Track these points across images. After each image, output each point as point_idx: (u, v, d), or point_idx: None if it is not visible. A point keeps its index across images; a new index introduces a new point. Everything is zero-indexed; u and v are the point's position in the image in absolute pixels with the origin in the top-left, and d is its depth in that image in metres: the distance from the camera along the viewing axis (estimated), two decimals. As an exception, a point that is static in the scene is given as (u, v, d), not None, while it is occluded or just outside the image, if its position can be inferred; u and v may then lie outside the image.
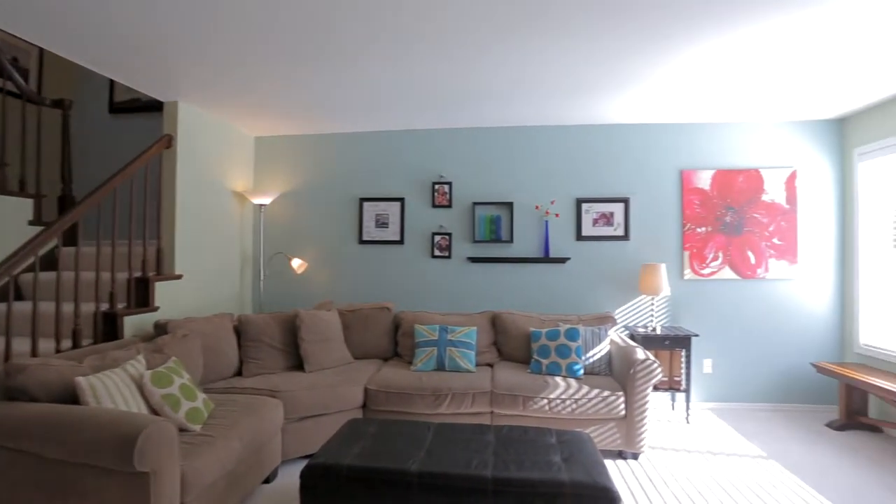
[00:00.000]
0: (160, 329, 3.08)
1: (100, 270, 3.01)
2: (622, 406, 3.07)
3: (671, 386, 3.88)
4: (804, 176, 4.06)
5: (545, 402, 3.09)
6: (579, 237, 4.23)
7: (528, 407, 3.10)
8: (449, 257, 4.36)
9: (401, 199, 4.41)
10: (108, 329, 3.04)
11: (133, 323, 3.15)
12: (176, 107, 3.56)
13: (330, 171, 4.54)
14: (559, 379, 3.26)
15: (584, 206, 4.23)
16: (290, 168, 4.60)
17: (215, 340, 3.19)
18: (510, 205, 4.28)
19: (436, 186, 4.36)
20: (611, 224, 4.21)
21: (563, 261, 4.21)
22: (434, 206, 4.37)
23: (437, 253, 4.37)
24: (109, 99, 4.69)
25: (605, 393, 3.09)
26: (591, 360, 3.46)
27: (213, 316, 3.36)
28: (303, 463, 2.97)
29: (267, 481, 2.76)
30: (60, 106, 3.85)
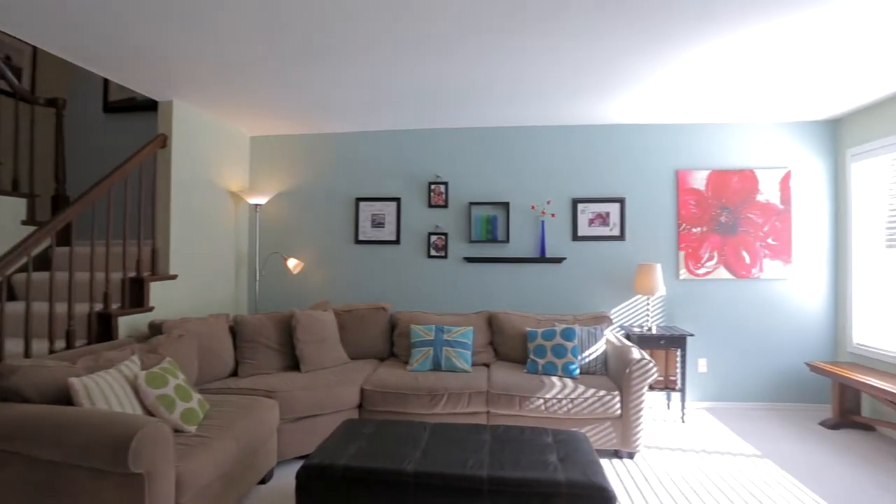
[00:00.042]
0: (155, 329, 3.06)
1: (94, 270, 2.99)
2: (618, 405, 3.08)
3: (666, 385, 3.89)
4: (798, 176, 4.09)
5: (541, 401, 3.10)
6: (575, 237, 4.25)
7: (525, 407, 3.11)
8: (445, 257, 4.36)
9: (397, 199, 4.41)
10: (103, 329, 3.03)
11: (127, 323, 3.13)
12: (171, 106, 3.55)
13: (326, 171, 4.53)
14: (555, 379, 3.27)
15: (580, 206, 4.24)
16: (286, 168, 4.58)
17: (211, 341, 3.18)
18: (506, 205, 4.29)
19: (432, 186, 4.36)
20: (607, 224, 4.23)
21: (559, 261, 4.22)
22: (430, 206, 4.37)
23: (433, 253, 4.37)
24: (104, 98, 4.66)
25: (601, 392, 3.10)
26: (587, 360, 3.47)
27: (208, 316, 3.35)
28: (299, 463, 2.97)
29: (263, 482, 2.75)
30: (54, 105, 3.82)
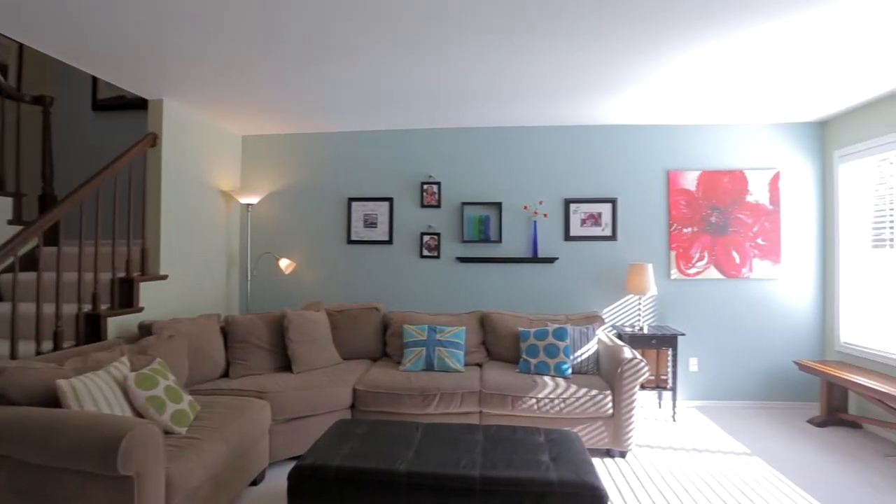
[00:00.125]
0: (145, 330, 3.03)
1: (82, 271, 2.95)
2: (610, 405, 3.09)
3: (658, 384, 3.92)
4: (787, 177, 4.14)
5: (534, 401, 3.11)
6: (567, 237, 4.26)
7: (517, 406, 3.11)
8: (438, 257, 4.36)
9: (389, 199, 4.40)
10: (91, 330, 2.99)
11: (117, 324, 3.10)
12: (161, 105, 3.51)
13: (318, 171, 4.51)
14: (547, 378, 3.28)
15: (573, 207, 4.26)
16: (278, 167, 4.56)
17: (201, 341, 3.15)
18: (499, 205, 4.29)
19: (424, 186, 4.36)
20: (599, 224, 4.25)
21: (551, 261, 4.23)
22: (423, 206, 4.37)
23: (425, 253, 4.36)
24: (92, 96, 4.60)
25: (593, 392, 3.11)
26: (579, 360, 3.49)
27: (199, 317, 3.32)
28: (291, 464, 2.95)
29: (254, 483, 2.73)
30: (41, 102, 3.78)
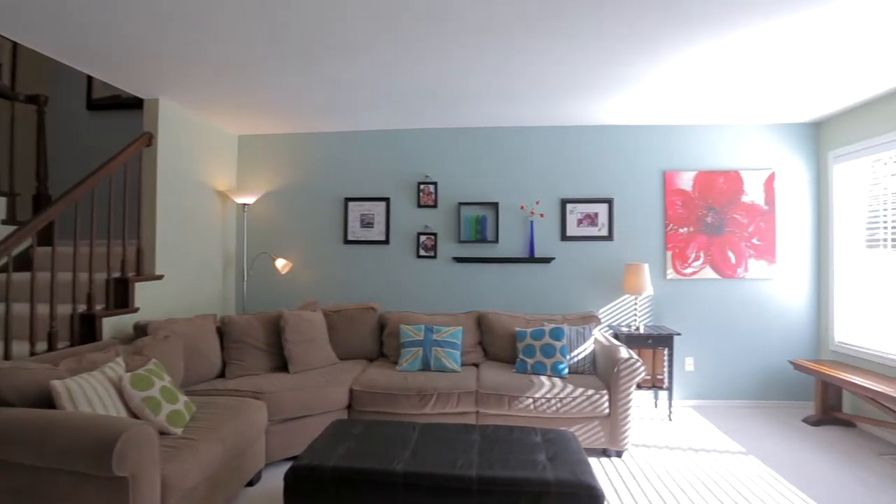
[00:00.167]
0: (140, 331, 3.02)
1: (77, 271, 2.94)
2: (606, 404, 3.10)
3: (654, 384, 3.93)
4: (782, 178, 4.16)
5: (530, 401, 3.11)
6: (564, 237, 4.27)
7: (514, 406, 3.12)
8: (434, 257, 4.36)
9: (386, 199, 4.40)
10: (86, 331, 2.97)
11: (112, 324, 3.08)
12: (157, 104, 3.50)
13: (315, 171, 4.51)
14: (544, 378, 3.29)
15: (569, 207, 4.27)
16: (274, 167, 4.55)
17: (197, 342, 3.14)
18: (495, 205, 4.30)
19: (421, 186, 4.36)
20: (595, 224, 4.26)
21: (547, 261, 4.24)
22: (419, 205, 4.37)
23: (422, 253, 4.36)
24: (87, 95, 4.57)
25: (590, 392, 3.12)
26: (576, 360, 3.49)
27: (195, 317, 3.31)
28: (287, 465, 2.94)
29: (250, 484, 2.73)
30: (35, 102, 3.75)
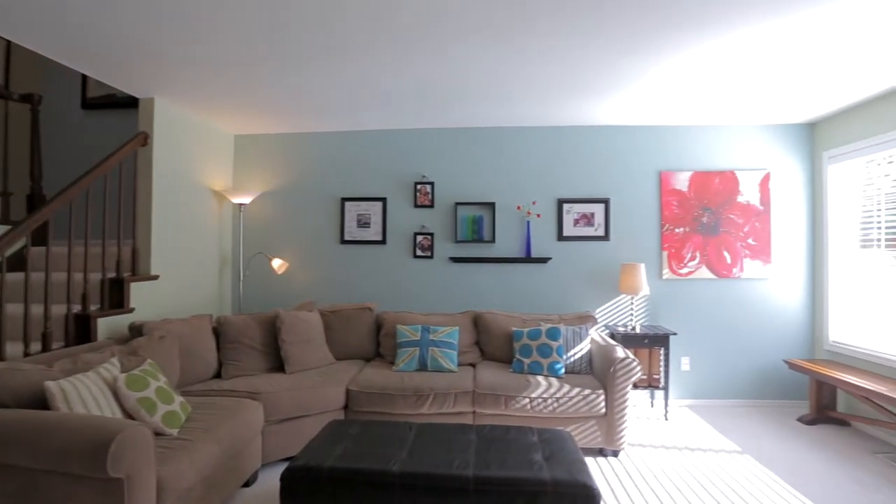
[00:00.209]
0: (135, 331, 3.00)
1: (72, 271, 2.92)
2: (602, 404, 3.11)
3: (650, 384, 3.95)
4: (777, 178, 4.18)
5: (527, 401, 3.12)
6: (560, 237, 4.28)
7: (510, 406, 3.12)
8: (431, 257, 4.36)
9: (383, 199, 4.39)
10: (81, 331, 2.96)
11: (107, 325, 3.07)
12: (152, 103, 3.48)
13: (311, 171, 4.50)
14: (541, 378, 3.29)
15: (566, 207, 4.27)
16: (271, 167, 4.53)
17: (193, 342, 3.13)
18: (492, 205, 4.30)
19: (418, 186, 4.36)
20: (591, 224, 4.27)
21: (544, 261, 4.25)
22: (416, 206, 4.37)
23: (419, 253, 4.36)
24: (82, 94, 4.55)
25: (586, 391, 3.13)
26: (572, 359, 3.50)
27: (191, 317, 3.29)
28: (284, 466, 2.94)
29: (247, 485, 2.72)
30: (29, 101, 3.73)
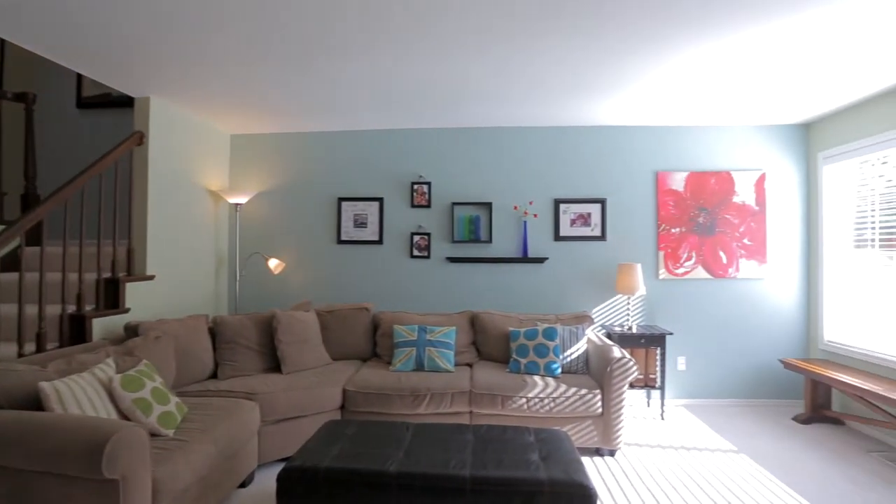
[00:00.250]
0: (131, 331, 2.99)
1: (66, 271, 2.90)
2: (599, 404, 3.11)
3: (646, 383, 3.96)
4: (773, 178, 4.20)
5: (524, 401, 3.12)
6: (557, 237, 4.28)
7: (507, 406, 3.12)
8: (428, 257, 4.36)
9: (379, 199, 4.39)
10: (76, 332, 2.94)
11: (102, 325, 3.05)
12: (148, 103, 3.47)
13: (308, 171, 4.49)
14: (537, 378, 3.30)
15: (562, 207, 4.28)
16: (267, 167, 4.52)
17: (189, 342, 3.11)
18: (489, 205, 4.30)
19: (415, 186, 4.35)
20: (588, 224, 4.27)
21: (541, 261, 4.25)
22: (413, 205, 4.36)
23: (416, 253, 4.36)
24: (77, 93, 4.52)
25: (583, 391, 3.13)
26: (569, 359, 3.51)
27: (186, 317, 3.28)
28: (280, 466, 2.93)
29: (243, 485, 2.71)
30: (23, 100, 3.70)
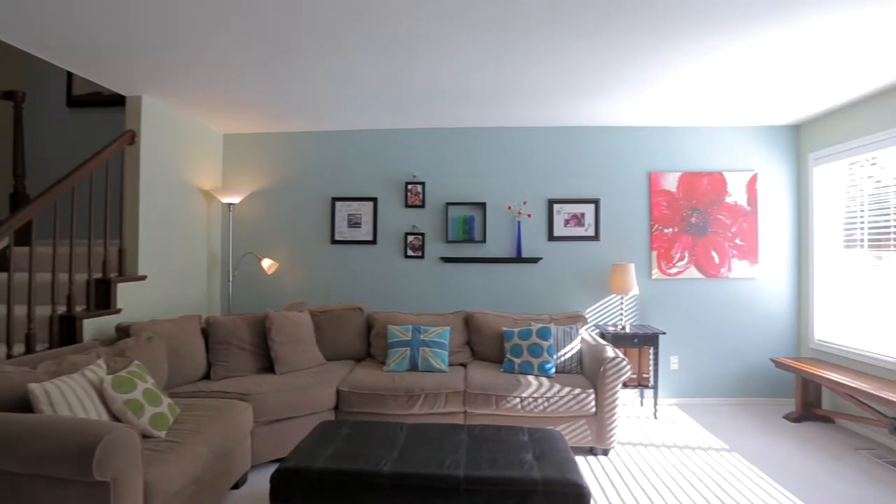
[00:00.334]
0: (122, 332, 2.96)
1: (57, 271, 2.87)
2: (592, 403, 3.13)
3: (640, 383, 3.98)
4: (764, 179, 4.23)
5: (518, 400, 3.12)
6: (551, 237, 4.30)
7: (501, 406, 3.13)
8: (422, 257, 4.35)
9: (373, 199, 4.38)
10: (66, 333, 2.91)
11: (93, 326, 3.02)
12: (139, 101, 3.44)
13: (301, 170, 4.47)
14: (531, 378, 3.30)
15: (556, 207, 4.29)
16: (261, 166, 4.50)
17: (181, 343, 3.09)
18: (483, 205, 4.31)
19: (409, 186, 4.35)
20: (582, 225, 4.29)
21: (535, 261, 4.26)
22: (407, 206, 4.36)
23: (410, 253, 4.35)
24: (67, 91, 4.48)
25: (576, 391, 3.14)
26: (563, 359, 3.52)
27: (179, 318, 3.25)
28: (274, 467, 2.91)
29: (236, 487, 2.69)
30: (12, 98, 3.66)
